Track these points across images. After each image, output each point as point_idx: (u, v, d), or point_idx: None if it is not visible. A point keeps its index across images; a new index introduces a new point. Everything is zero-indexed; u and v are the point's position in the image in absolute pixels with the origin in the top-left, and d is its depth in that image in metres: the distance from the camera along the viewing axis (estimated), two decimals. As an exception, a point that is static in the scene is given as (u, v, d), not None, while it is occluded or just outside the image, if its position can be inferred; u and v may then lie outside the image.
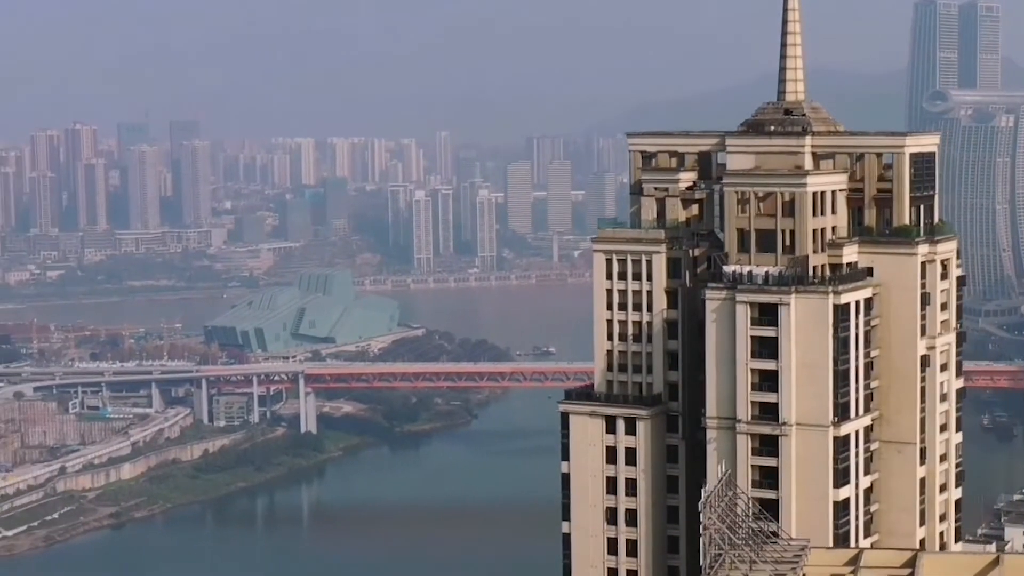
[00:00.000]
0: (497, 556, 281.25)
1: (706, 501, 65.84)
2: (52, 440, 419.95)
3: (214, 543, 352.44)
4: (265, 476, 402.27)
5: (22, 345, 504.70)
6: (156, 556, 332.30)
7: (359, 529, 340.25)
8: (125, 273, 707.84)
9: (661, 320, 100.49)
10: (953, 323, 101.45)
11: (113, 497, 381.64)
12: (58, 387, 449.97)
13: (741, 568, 63.38)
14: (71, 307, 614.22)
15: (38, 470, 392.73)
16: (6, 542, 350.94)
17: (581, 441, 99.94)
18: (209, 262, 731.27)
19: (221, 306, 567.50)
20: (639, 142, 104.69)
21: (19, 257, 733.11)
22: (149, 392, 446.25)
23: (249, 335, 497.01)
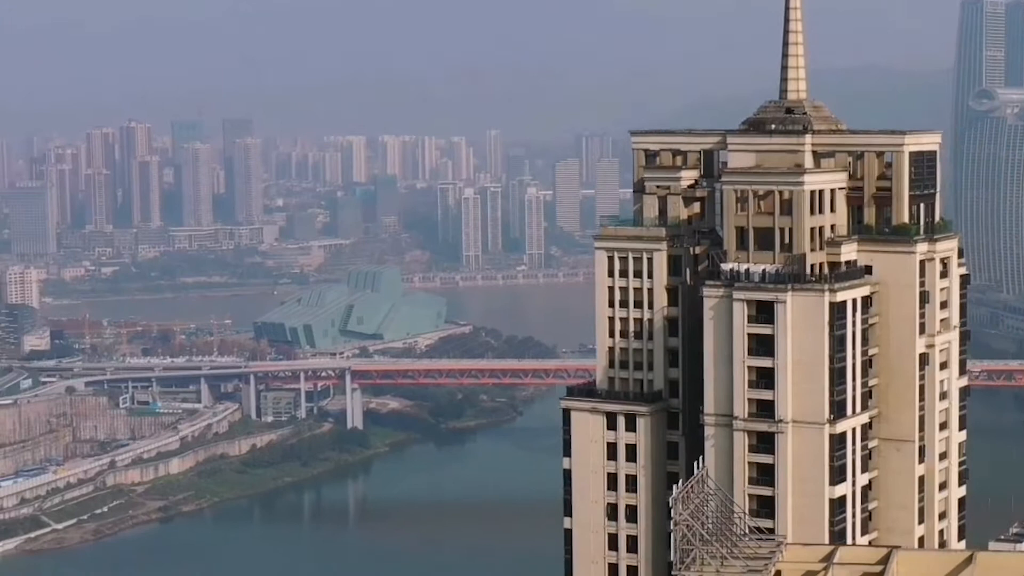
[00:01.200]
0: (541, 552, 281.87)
1: (677, 497, 66.45)
2: (103, 435, 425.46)
3: (261, 538, 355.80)
4: (311, 472, 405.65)
5: (75, 340, 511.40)
6: (203, 550, 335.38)
7: (404, 525, 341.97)
8: (178, 270, 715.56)
9: (662, 317, 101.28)
10: (954, 321, 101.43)
11: (161, 491, 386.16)
12: (109, 382, 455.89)
13: (712, 564, 63.95)
14: (125, 303, 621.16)
15: (88, 464, 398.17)
16: (56, 535, 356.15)
17: (582, 437, 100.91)
18: (261, 259, 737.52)
19: (272, 303, 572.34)
20: (642, 140, 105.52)
21: (74, 253, 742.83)
22: (198, 387, 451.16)
23: (298, 331, 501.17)
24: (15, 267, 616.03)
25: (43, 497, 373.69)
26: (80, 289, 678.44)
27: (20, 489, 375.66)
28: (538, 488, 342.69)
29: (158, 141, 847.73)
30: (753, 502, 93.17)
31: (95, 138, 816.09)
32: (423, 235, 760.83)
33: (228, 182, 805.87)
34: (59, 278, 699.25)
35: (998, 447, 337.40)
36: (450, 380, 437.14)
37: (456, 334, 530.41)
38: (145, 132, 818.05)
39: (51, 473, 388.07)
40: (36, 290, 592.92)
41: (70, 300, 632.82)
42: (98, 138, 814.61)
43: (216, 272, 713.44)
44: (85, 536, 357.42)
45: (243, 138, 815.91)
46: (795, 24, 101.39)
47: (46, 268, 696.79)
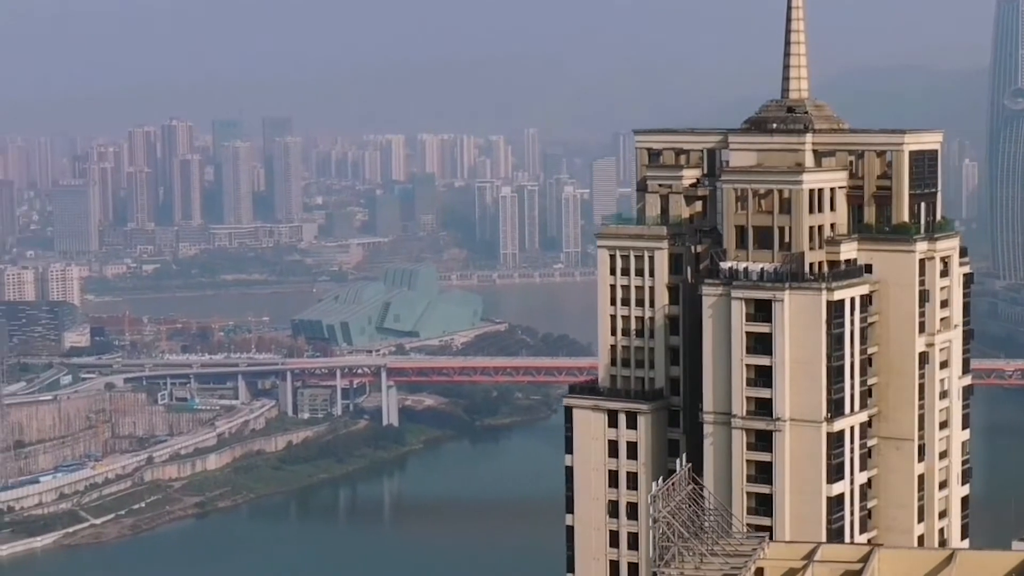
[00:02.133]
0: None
1: (656, 494, 67.02)
2: (141, 431, 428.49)
3: (296, 534, 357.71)
4: (347, 468, 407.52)
5: (115, 337, 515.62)
6: (240, 545, 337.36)
7: (439, 521, 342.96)
8: (218, 267, 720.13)
9: (663, 316, 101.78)
10: (955, 320, 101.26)
11: (198, 487, 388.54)
12: (148, 378, 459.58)
13: (691, 561, 64.43)
14: (165, 300, 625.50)
15: (126, 460, 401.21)
16: (94, 530, 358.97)
17: (584, 435, 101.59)
18: (300, 257, 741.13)
19: (310, 300, 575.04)
20: (645, 139, 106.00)
21: (116, 251, 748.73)
22: (236, 384, 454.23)
23: (335, 329, 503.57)
24: (56, 264, 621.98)
25: (81, 492, 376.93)
26: (122, 286, 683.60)
27: (59, 484, 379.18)
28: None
29: (199, 139, 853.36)
30: (752, 500, 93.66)
31: (137, 136, 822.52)
32: (461, 233, 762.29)
33: (268, 180, 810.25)
34: (101, 275, 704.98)
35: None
36: (485, 378, 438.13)
37: (492, 332, 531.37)
38: (186, 130, 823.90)
39: (89, 468, 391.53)
40: (77, 287, 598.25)
41: (111, 297, 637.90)
42: (140, 136, 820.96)
43: (256, 270, 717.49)
44: (122, 531, 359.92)
45: (283, 136, 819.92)
46: (797, 24, 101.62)
47: (88, 265, 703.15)
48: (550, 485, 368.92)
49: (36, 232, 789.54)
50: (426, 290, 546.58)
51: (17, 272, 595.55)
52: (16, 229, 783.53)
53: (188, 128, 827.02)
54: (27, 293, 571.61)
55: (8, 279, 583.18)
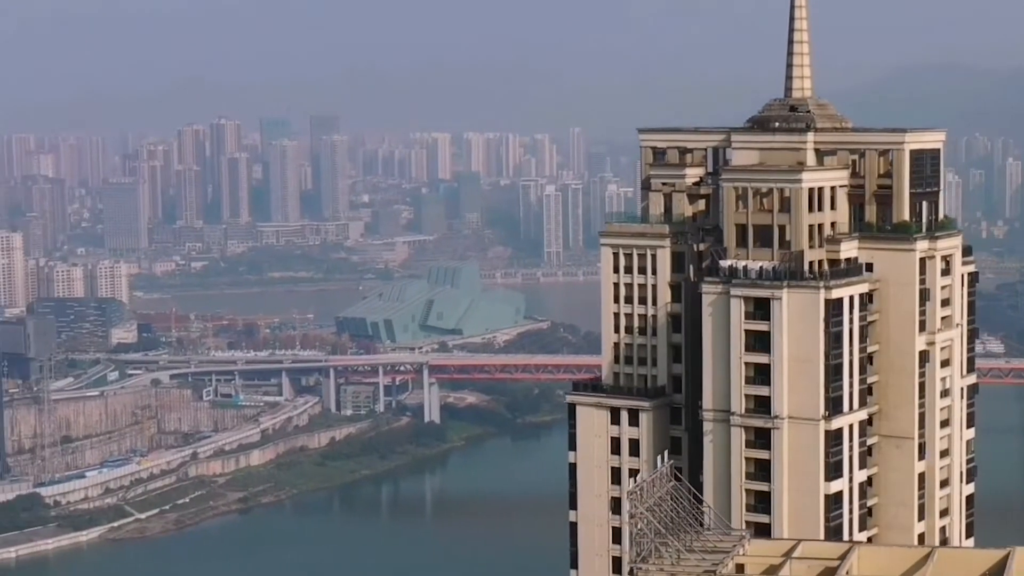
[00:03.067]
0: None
1: (634, 490, 67.65)
2: (187, 426, 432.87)
3: (338, 529, 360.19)
4: (389, 464, 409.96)
5: (162, 334, 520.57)
6: (282, 541, 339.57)
7: (480, 518, 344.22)
8: (266, 264, 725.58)
9: (665, 314, 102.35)
10: (957, 319, 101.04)
11: (242, 482, 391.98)
12: (193, 375, 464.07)
13: (668, 558, 64.98)
14: (213, 297, 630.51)
15: (171, 455, 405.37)
16: (139, 524, 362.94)
17: (587, 432, 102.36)
18: (346, 254, 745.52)
19: (356, 298, 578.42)
20: (649, 138, 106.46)
21: (165, 248, 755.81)
22: (280, 381, 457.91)
23: (379, 326, 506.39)
24: (105, 261, 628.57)
25: (127, 487, 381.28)
26: (170, 283, 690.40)
27: (105, 479, 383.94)
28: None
29: (247, 138, 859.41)
30: (751, 497, 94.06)
31: (186, 135, 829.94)
32: (505, 232, 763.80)
33: (315, 178, 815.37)
34: (150, 272, 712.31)
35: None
36: (526, 375, 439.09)
37: (534, 330, 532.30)
38: (235, 129, 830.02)
39: (135, 464, 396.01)
40: (125, 284, 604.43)
41: (160, 294, 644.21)
42: (189, 135, 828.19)
43: (302, 267, 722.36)
44: (167, 526, 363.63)
45: (330, 135, 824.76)
46: (800, 23, 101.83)
47: (138, 263, 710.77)
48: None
49: (87, 230, 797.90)
50: (469, 288, 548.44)
51: (66, 269, 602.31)
52: (67, 227, 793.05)
53: (236, 127, 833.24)
54: (76, 290, 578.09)
55: (57, 276, 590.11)
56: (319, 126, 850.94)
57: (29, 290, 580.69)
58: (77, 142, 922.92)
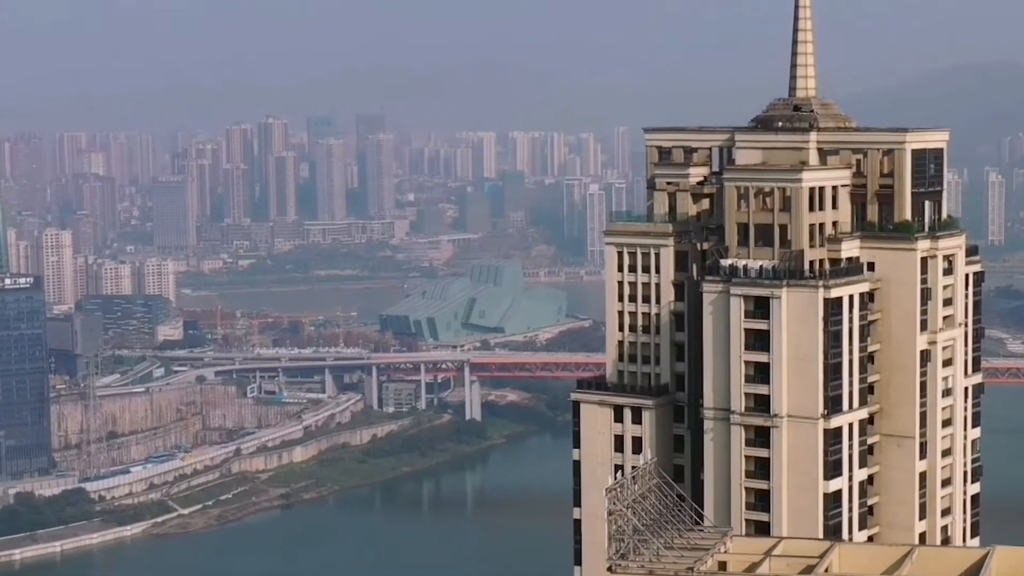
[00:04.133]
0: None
1: (612, 487, 68.25)
2: (231, 423, 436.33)
3: (380, 526, 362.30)
4: (430, 462, 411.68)
5: (207, 331, 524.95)
6: (324, 537, 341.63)
7: (520, 515, 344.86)
8: (312, 263, 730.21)
9: (668, 312, 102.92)
10: (959, 319, 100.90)
11: (284, 479, 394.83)
12: (238, 372, 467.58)
13: (646, 555, 65.51)
14: (260, 295, 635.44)
15: (215, 451, 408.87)
16: (182, 520, 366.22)
17: (591, 429, 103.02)
18: (391, 252, 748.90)
19: (400, 296, 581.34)
20: (655, 137, 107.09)
21: (213, 246, 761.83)
22: (323, 378, 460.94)
23: (422, 324, 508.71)
24: (152, 259, 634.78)
25: (170, 483, 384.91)
26: (218, 281, 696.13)
27: (149, 475, 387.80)
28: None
29: (294, 137, 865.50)
30: (750, 495, 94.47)
31: (234, 134, 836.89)
32: (549, 230, 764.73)
33: (361, 177, 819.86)
34: (199, 270, 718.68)
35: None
36: (567, 373, 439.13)
37: (576, 328, 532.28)
38: (282, 128, 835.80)
39: (179, 460, 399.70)
40: (172, 282, 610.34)
41: (208, 291, 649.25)
42: (237, 134, 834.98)
43: (348, 265, 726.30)
44: (209, 521, 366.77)
45: (376, 134, 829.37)
46: (804, 23, 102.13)
47: (186, 260, 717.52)
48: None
49: (136, 227, 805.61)
50: (511, 286, 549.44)
51: (115, 267, 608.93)
52: (117, 224, 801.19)
53: (283, 126, 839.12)
54: (124, 287, 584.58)
55: (106, 273, 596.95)
56: (365, 125, 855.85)
57: (78, 287, 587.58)
58: (127, 140, 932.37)
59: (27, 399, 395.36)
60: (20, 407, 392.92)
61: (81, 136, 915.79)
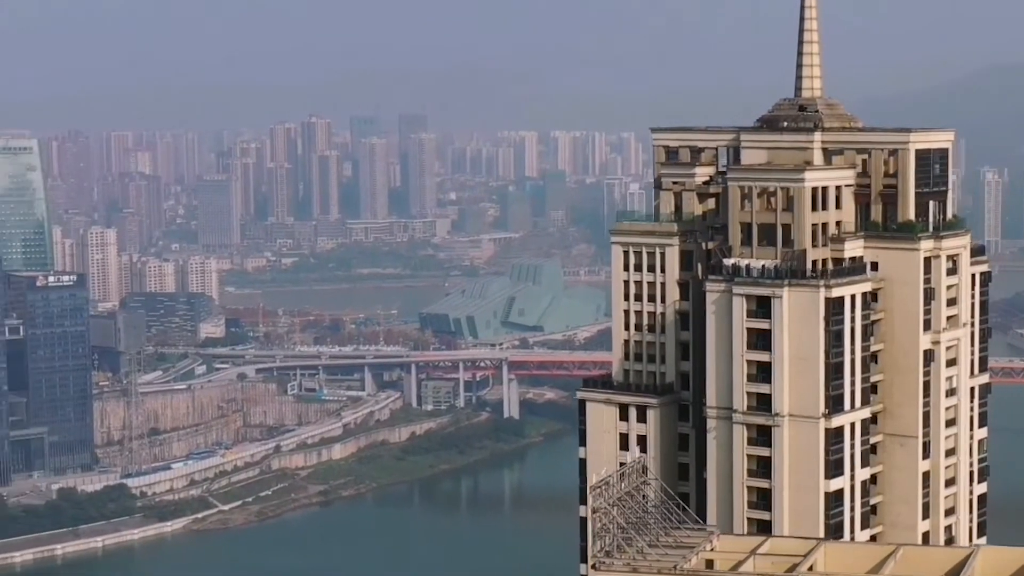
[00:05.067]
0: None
1: (596, 485, 68.81)
2: (271, 420, 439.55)
3: (418, 523, 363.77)
4: (468, 459, 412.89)
5: (249, 329, 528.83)
6: (362, 533, 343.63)
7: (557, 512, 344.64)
8: (354, 261, 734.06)
9: (674, 311, 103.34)
10: (964, 319, 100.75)
11: (323, 476, 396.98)
12: (278, 369, 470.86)
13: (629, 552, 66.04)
14: (303, 293, 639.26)
15: (255, 448, 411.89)
16: (222, 516, 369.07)
17: (596, 428, 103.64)
18: (433, 251, 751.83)
19: (441, 294, 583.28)
20: (662, 137, 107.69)
21: (257, 244, 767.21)
22: (363, 376, 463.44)
23: (461, 322, 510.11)
24: (196, 257, 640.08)
25: (211, 479, 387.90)
26: (261, 279, 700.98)
27: (190, 471, 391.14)
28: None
29: (337, 136, 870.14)
30: (752, 494, 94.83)
31: (278, 133, 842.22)
32: (590, 229, 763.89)
33: (403, 176, 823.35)
34: (242, 268, 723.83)
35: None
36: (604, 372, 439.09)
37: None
38: (325, 127, 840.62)
39: (219, 456, 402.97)
40: (215, 280, 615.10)
41: (251, 289, 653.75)
42: (281, 133, 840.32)
43: (390, 264, 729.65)
44: (249, 517, 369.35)
45: (418, 133, 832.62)
46: (810, 23, 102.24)
47: (230, 258, 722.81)
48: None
49: (181, 226, 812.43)
50: (551, 285, 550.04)
51: (158, 265, 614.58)
52: (163, 223, 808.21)
53: (327, 125, 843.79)
54: (167, 285, 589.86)
55: (150, 271, 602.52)
56: (407, 124, 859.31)
57: (123, 285, 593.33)
58: (173, 139, 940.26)
59: (70, 396, 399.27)
60: (63, 403, 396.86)
61: (128, 135, 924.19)
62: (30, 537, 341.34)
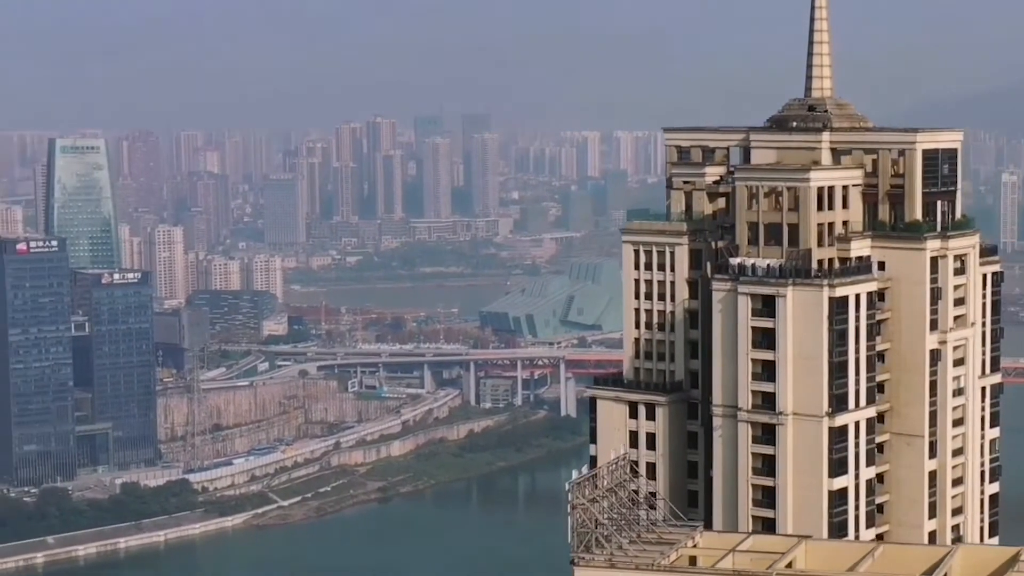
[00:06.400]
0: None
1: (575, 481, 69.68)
2: (332, 417, 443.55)
3: (476, 520, 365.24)
4: (525, 457, 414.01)
5: (312, 326, 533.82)
6: (419, 530, 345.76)
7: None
8: (418, 259, 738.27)
9: (683, 310, 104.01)
10: (972, 318, 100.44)
11: (382, 472, 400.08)
12: (340, 367, 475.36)
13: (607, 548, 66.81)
14: (366, 291, 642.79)
15: (315, 444, 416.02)
16: (282, 512, 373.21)
17: (607, 425, 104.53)
18: (495, 250, 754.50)
19: (502, 293, 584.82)
20: (674, 137, 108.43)
21: (322, 243, 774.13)
22: (422, 373, 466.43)
23: (520, 321, 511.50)
24: (260, 255, 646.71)
25: (271, 475, 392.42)
26: (325, 277, 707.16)
27: (251, 467, 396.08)
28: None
29: (402, 135, 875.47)
30: (757, 492, 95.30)
31: (344, 132, 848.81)
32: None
33: (466, 175, 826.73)
34: (308, 266, 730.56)
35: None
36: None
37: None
38: (390, 127, 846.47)
39: (280, 452, 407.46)
40: (280, 278, 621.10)
41: (316, 288, 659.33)
42: (346, 132, 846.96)
43: (453, 262, 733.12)
44: (308, 513, 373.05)
45: (481, 133, 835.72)
46: (820, 23, 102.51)
47: (295, 257, 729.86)
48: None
49: (249, 224, 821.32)
50: (609, 284, 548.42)
51: (224, 263, 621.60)
52: (230, 221, 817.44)
53: (391, 125, 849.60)
54: (232, 283, 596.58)
55: (215, 269, 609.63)
56: (471, 124, 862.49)
57: (189, 283, 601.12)
58: (242, 139, 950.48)
59: (134, 392, 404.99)
60: (128, 399, 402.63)
61: (197, 135, 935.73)
62: (94, 531, 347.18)
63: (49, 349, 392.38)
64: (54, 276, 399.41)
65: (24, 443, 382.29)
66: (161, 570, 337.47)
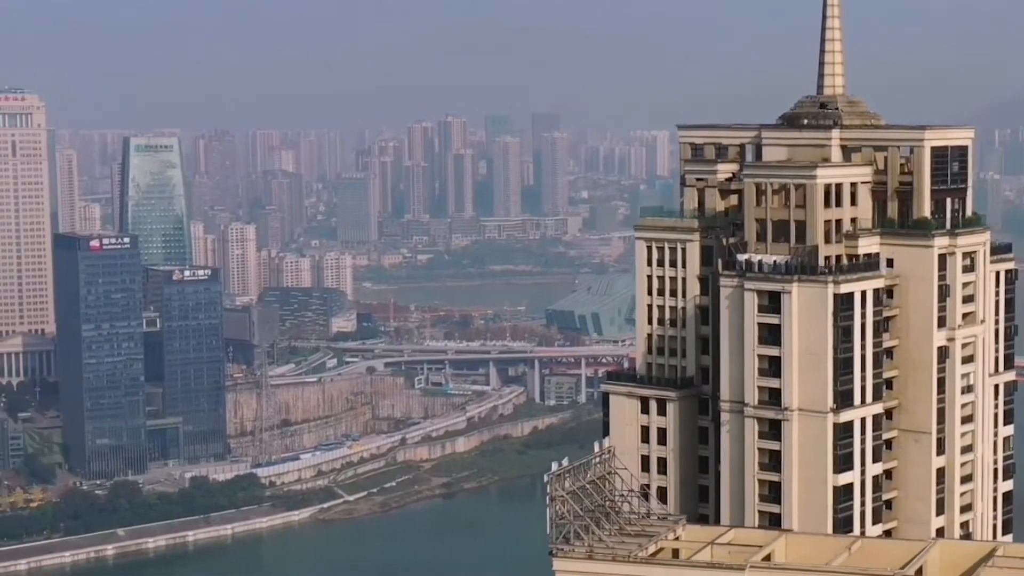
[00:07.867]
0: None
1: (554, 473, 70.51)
2: (399, 413, 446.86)
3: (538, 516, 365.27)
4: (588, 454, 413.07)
5: (381, 324, 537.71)
6: (482, 526, 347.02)
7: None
8: (487, 258, 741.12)
9: (694, 306, 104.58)
10: (982, 315, 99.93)
11: (446, 468, 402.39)
12: (407, 363, 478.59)
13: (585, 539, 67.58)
14: (437, 289, 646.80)
15: (381, 440, 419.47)
16: (347, 506, 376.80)
17: (619, 420, 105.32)
18: (564, 249, 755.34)
19: (570, 291, 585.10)
20: (688, 134, 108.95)
21: (394, 241, 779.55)
22: (487, 370, 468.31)
23: (586, 319, 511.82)
24: (331, 253, 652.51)
25: (338, 470, 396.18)
26: (396, 275, 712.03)
27: (318, 462, 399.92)
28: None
29: (474, 134, 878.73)
30: (763, 487, 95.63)
31: (415, 132, 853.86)
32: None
33: (536, 174, 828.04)
34: (379, 264, 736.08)
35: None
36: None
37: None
38: (460, 126, 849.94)
39: (346, 448, 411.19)
40: (350, 275, 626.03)
41: (387, 285, 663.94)
42: (418, 132, 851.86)
43: (522, 261, 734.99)
44: (373, 508, 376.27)
45: (550, 132, 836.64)
46: (832, 21, 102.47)
47: (367, 255, 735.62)
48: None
49: (322, 223, 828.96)
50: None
51: (295, 260, 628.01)
52: (304, 219, 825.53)
53: (462, 124, 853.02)
54: (303, 280, 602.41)
55: (287, 267, 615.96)
56: (541, 123, 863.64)
57: (261, 280, 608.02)
58: (317, 138, 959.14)
59: (204, 387, 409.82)
60: (198, 394, 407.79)
61: (273, 134, 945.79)
62: (163, 524, 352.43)
63: (121, 344, 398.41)
64: (126, 273, 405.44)
65: (96, 437, 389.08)
66: (228, 563, 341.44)
